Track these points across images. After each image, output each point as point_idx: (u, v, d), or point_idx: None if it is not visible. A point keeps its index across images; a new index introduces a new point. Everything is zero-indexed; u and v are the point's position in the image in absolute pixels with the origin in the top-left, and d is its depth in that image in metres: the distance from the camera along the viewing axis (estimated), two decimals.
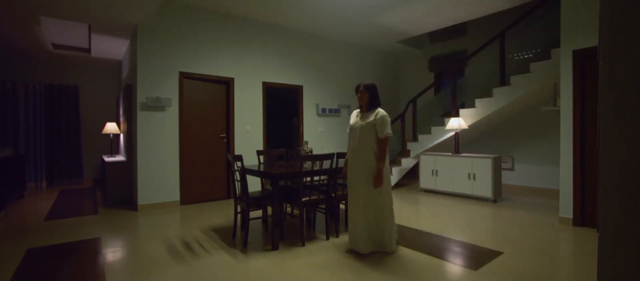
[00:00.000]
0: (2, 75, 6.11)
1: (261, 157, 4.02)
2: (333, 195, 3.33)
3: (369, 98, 2.92)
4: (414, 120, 6.41)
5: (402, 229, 3.58)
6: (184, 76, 4.74)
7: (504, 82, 5.07)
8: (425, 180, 5.63)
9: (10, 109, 6.13)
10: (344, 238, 3.29)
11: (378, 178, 2.78)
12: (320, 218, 4.00)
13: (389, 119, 2.85)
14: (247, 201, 3.11)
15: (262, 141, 5.51)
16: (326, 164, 3.36)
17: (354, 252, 2.88)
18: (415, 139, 6.26)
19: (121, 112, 5.96)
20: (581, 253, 2.89)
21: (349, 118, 6.74)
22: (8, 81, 6.10)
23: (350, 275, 2.46)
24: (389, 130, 2.81)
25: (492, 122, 5.78)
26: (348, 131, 3.05)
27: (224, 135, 5.19)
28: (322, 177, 3.85)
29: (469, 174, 5.01)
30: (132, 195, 4.92)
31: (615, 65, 1.01)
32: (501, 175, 5.05)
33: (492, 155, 4.84)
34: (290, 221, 3.91)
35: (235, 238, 3.29)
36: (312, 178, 3.44)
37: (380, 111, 2.86)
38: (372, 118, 2.83)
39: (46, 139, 6.49)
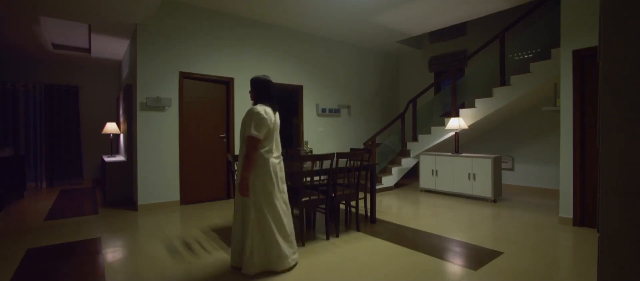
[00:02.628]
0: (2, 75, 6.11)
1: None
2: (333, 195, 3.33)
3: (253, 94, 2.59)
4: (414, 120, 6.41)
5: (401, 229, 3.58)
6: (184, 76, 4.74)
7: (504, 82, 5.08)
8: (425, 180, 5.63)
9: (10, 109, 6.12)
10: (344, 238, 3.29)
11: (240, 185, 2.40)
12: (320, 218, 4.00)
13: (259, 116, 2.38)
14: None
15: None
16: (326, 164, 3.36)
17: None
18: (415, 139, 6.26)
19: (121, 112, 5.96)
20: (581, 253, 2.89)
21: (349, 118, 6.78)
22: (8, 81, 6.10)
23: (347, 275, 2.46)
24: (254, 130, 2.35)
25: (492, 122, 5.78)
26: None
27: (224, 135, 5.19)
28: (322, 177, 3.85)
29: (469, 174, 5.01)
30: (132, 195, 4.92)
31: (615, 65, 1.01)
32: (501, 175, 5.05)
33: (492, 155, 4.84)
34: None
35: None
36: (312, 178, 3.44)
37: (253, 108, 2.45)
38: None
39: (46, 139, 6.49)
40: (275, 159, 2.54)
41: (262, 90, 2.57)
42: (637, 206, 0.96)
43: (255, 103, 2.55)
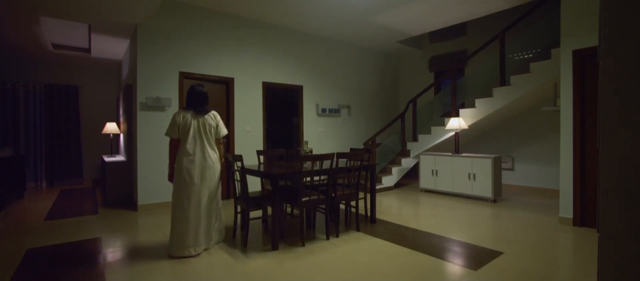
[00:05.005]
0: (2, 75, 6.11)
1: (261, 157, 4.02)
2: (333, 195, 3.33)
3: None
4: (414, 120, 6.41)
5: (401, 229, 3.58)
6: (184, 76, 4.74)
7: (504, 82, 5.08)
8: (425, 180, 5.63)
9: (10, 109, 6.13)
10: (344, 238, 3.29)
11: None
12: (320, 218, 4.00)
13: (171, 120, 2.92)
14: (247, 201, 3.11)
15: (262, 141, 5.51)
16: (326, 164, 3.36)
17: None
18: (415, 139, 6.26)
19: (121, 112, 5.96)
20: (581, 253, 2.89)
21: (349, 118, 6.78)
22: (8, 81, 6.10)
23: (347, 275, 2.46)
24: (166, 130, 2.94)
25: (492, 122, 5.78)
26: None
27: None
28: (322, 177, 3.86)
29: (469, 174, 5.01)
30: (132, 195, 4.92)
31: (615, 65, 1.01)
32: (501, 175, 5.05)
33: (492, 155, 4.84)
34: (290, 221, 3.91)
35: (235, 238, 3.29)
36: (312, 178, 3.44)
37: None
38: None
39: (46, 139, 6.49)
40: (190, 158, 2.88)
41: (186, 98, 3.03)
42: (637, 206, 0.96)
43: None
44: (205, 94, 3.03)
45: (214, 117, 3.03)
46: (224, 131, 3.08)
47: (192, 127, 2.89)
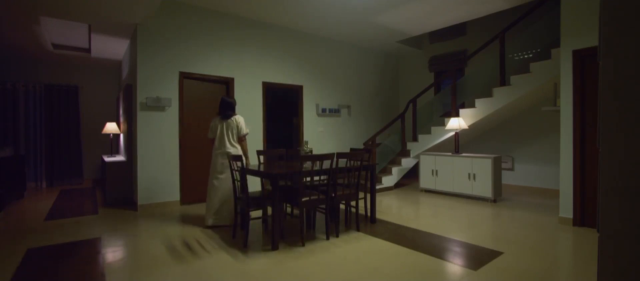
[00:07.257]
0: (2, 75, 6.11)
1: (261, 157, 4.02)
2: (333, 195, 3.33)
3: None
4: (414, 120, 6.41)
5: (401, 229, 3.58)
6: (184, 76, 4.74)
7: (504, 82, 5.08)
8: (425, 180, 5.63)
9: (10, 109, 6.12)
10: (344, 238, 3.29)
11: None
12: (320, 218, 4.00)
13: (210, 125, 3.79)
14: (247, 201, 3.11)
15: (262, 141, 5.51)
16: (326, 164, 3.36)
17: None
18: (415, 139, 6.26)
19: (121, 112, 5.96)
20: (581, 253, 2.89)
21: (349, 118, 6.79)
22: (8, 81, 6.10)
23: (347, 275, 2.46)
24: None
25: (492, 122, 5.78)
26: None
27: None
28: (322, 177, 3.86)
29: (469, 174, 5.01)
30: (132, 195, 4.92)
31: (615, 65, 1.01)
32: (501, 175, 5.05)
33: (492, 155, 4.84)
34: (290, 221, 3.91)
35: (235, 238, 3.29)
36: (312, 178, 3.44)
37: None
38: None
39: (46, 139, 6.49)
40: (216, 152, 3.69)
41: (219, 106, 3.77)
42: (637, 206, 0.96)
43: None
44: (230, 103, 3.74)
45: (235, 120, 3.71)
46: (244, 130, 3.74)
47: (218, 128, 3.68)
